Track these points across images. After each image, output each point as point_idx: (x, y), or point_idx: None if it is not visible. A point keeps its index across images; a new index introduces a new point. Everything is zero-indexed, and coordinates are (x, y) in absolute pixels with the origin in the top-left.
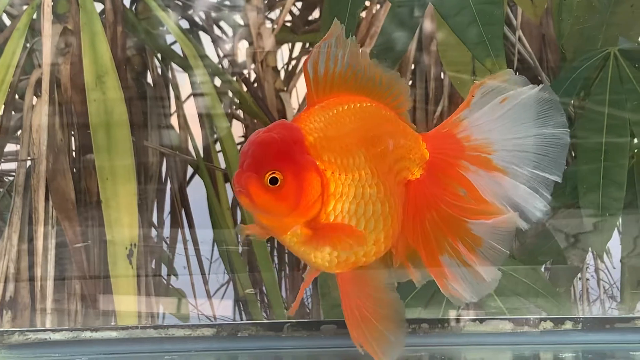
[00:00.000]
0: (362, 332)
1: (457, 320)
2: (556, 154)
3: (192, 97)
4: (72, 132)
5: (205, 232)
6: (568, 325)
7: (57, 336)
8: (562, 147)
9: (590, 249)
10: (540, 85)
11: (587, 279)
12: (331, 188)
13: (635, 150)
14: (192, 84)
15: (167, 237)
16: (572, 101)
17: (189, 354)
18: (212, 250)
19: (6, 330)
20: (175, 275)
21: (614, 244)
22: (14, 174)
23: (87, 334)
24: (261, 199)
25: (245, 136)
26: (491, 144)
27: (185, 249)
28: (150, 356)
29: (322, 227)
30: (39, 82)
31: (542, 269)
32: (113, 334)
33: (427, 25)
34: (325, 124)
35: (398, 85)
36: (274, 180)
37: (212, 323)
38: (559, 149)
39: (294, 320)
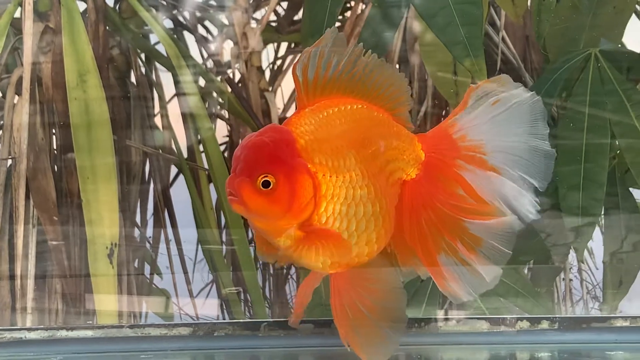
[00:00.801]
0: (352, 330)
1: (434, 320)
2: (544, 163)
3: (176, 97)
4: (54, 131)
5: (189, 232)
6: (544, 324)
7: (32, 335)
8: (549, 157)
9: (572, 249)
10: (532, 94)
11: (571, 280)
12: (322, 190)
13: (618, 152)
14: (176, 84)
15: (150, 237)
16: (554, 102)
17: (166, 352)
18: (197, 250)
19: None
20: (159, 274)
21: (598, 245)
22: None
23: (63, 333)
24: (254, 203)
25: (230, 136)
26: (485, 144)
27: (168, 248)
28: (127, 355)
29: (313, 232)
30: (20, 81)
31: (525, 270)
32: (89, 333)
33: (412, 25)
34: (316, 127)
35: (396, 85)
36: (266, 184)
37: (189, 322)
38: (545, 159)
39: (270, 320)
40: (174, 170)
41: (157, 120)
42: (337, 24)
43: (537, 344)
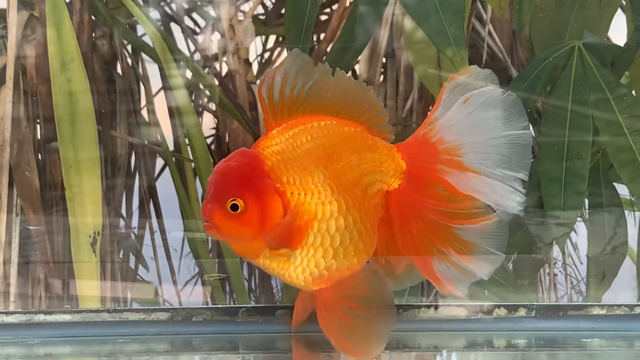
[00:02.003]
0: (341, 335)
1: (412, 307)
2: (521, 153)
3: (162, 90)
4: (38, 120)
5: (176, 227)
6: (522, 312)
7: (10, 319)
8: (526, 147)
9: (554, 243)
10: (503, 89)
11: (555, 275)
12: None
13: (603, 147)
14: (163, 76)
15: (135, 228)
16: (539, 97)
17: (143, 337)
18: (183, 242)
19: None
20: (145, 265)
21: (582, 239)
22: None
23: (41, 317)
24: (226, 226)
25: (217, 129)
26: (461, 146)
27: (152, 239)
28: (104, 339)
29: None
30: (4, 70)
31: (510, 264)
32: (67, 317)
33: (399, 21)
34: (283, 147)
35: (366, 99)
36: (234, 207)
37: (167, 307)
38: (522, 149)
39: (249, 305)
40: (159, 163)
41: (144, 113)
42: (324, 17)
43: (514, 331)
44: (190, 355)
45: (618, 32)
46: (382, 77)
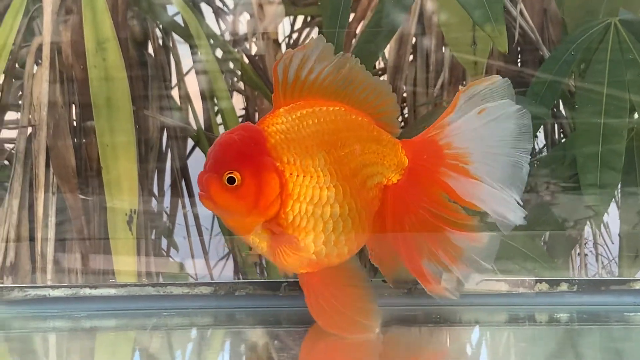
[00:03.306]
0: (330, 320)
1: None
2: (520, 177)
3: (193, 69)
4: (73, 100)
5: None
6: (563, 287)
7: (56, 293)
8: (524, 169)
9: (588, 221)
10: (519, 107)
11: (586, 255)
12: (289, 189)
13: (636, 125)
14: (193, 55)
15: (167, 207)
16: (573, 77)
17: (187, 311)
18: (213, 221)
19: (6, 287)
20: (174, 246)
21: (613, 219)
22: (15, 142)
23: (87, 291)
24: (221, 198)
25: (246, 109)
26: (469, 154)
27: (185, 217)
28: (149, 313)
29: (274, 236)
30: (40, 50)
31: (542, 242)
32: (112, 291)
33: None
34: (288, 126)
35: (379, 90)
36: (231, 180)
37: (210, 282)
38: (522, 174)
39: (290, 280)
40: (190, 144)
41: (174, 93)
42: None
43: (555, 305)
44: (232, 329)
45: None
46: (412, 57)
